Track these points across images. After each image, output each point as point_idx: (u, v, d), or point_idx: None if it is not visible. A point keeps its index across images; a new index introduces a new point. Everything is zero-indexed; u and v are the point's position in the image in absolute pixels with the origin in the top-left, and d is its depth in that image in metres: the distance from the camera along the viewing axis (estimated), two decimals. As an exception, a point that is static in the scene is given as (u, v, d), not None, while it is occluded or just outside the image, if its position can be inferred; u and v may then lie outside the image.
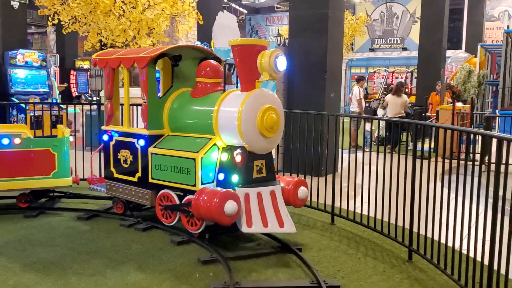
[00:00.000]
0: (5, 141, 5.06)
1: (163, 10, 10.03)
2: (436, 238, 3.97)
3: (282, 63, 4.16)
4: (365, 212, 4.84)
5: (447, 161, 4.08)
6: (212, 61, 4.84)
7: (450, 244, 3.71)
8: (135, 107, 7.26)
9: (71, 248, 4.22)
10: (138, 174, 4.78)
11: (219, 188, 4.03)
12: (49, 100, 12.24)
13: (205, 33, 16.47)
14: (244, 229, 3.98)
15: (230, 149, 4.33)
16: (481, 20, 24.22)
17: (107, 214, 5.27)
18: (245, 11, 30.15)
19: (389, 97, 11.39)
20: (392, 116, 10.83)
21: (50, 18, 10.09)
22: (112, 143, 5.05)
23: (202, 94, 4.65)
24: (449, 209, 3.62)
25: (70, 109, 10.58)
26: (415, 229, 4.11)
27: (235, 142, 4.28)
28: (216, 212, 3.81)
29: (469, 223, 3.36)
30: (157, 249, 4.25)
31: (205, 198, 3.91)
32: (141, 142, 4.73)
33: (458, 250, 3.56)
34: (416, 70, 22.10)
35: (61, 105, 11.32)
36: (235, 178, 4.19)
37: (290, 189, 4.45)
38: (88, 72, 20.66)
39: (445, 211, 3.65)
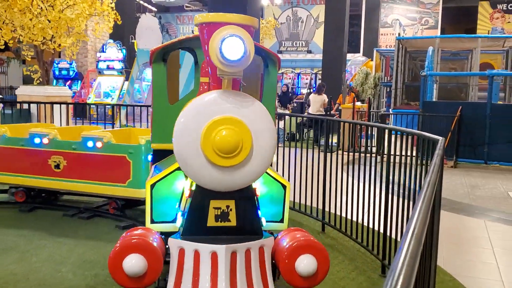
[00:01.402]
0: (90, 143, 4.96)
1: (83, 10, 10.18)
2: (343, 214, 4.85)
3: (232, 50, 2.61)
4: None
5: (352, 153, 5.05)
6: None
7: (354, 218, 4.62)
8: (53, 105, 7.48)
9: (22, 236, 4.55)
10: None
11: (141, 232, 2.84)
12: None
13: (117, 32, 16.58)
14: None
15: None
16: (377, 27, 26.50)
17: (49, 206, 5.57)
18: (154, 9, 30.17)
19: (311, 96, 12.58)
20: (313, 113, 11.97)
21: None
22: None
23: None
24: (353, 191, 4.54)
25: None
26: (326, 208, 4.99)
27: None
28: (111, 267, 2.65)
29: (368, 201, 4.29)
30: (104, 234, 4.70)
31: (117, 243, 2.72)
32: (149, 157, 3.92)
33: (361, 222, 4.48)
34: (320, 72, 23.82)
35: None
36: (178, 221, 2.97)
37: (285, 254, 2.76)
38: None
39: (350, 193, 4.56)
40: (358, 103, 13.22)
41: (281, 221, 3.20)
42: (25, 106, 9.58)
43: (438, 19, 27.20)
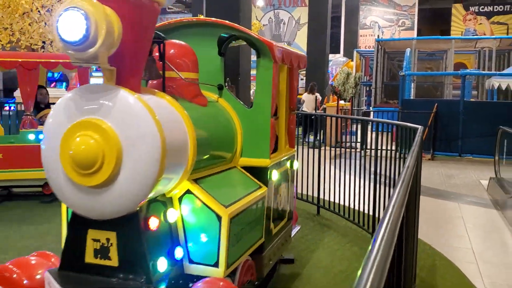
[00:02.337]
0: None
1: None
2: (337, 201, 5.53)
3: (70, 28, 1.97)
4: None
5: (336, 149, 5.73)
6: (179, 42, 2.90)
7: (347, 204, 5.30)
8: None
9: (53, 222, 5.10)
10: None
11: (33, 259, 2.53)
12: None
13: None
14: None
15: None
16: (356, 29, 27.37)
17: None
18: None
19: (305, 95, 13.29)
20: (308, 111, 12.73)
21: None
22: None
23: None
24: (345, 181, 5.25)
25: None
26: (321, 196, 5.66)
27: None
28: None
29: (359, 189, 5.00)
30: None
31: None
32: None
33: (352, 207, 5.17)
34: (302, 72, 24.56)
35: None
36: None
37: None
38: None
39: (342, 182, 5.25)
40: (342, 102, 13.95)
41: (215, 265, 2.41)
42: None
43: (414, 20, 28.21)
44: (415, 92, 15.03)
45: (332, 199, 5.58)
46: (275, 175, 3.19)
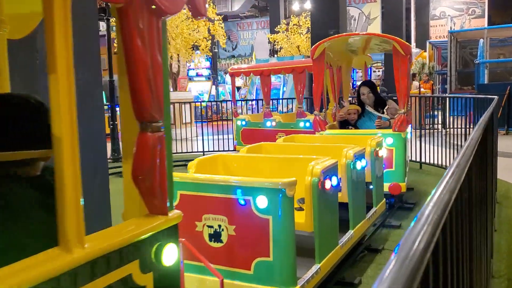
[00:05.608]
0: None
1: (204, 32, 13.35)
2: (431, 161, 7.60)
3: None
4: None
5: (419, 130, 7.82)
6: None
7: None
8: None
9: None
10: None
11: None
12: None
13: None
14: None
15: None
16: (427, 21, 28.71)
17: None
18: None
19: None
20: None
21: None
22: None
23: None
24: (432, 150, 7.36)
25: None
26: (422, 160, 7.78)
27: None
28: None
29: (444, 154, 7.10)
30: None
31: None
32: None
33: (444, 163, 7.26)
34: (374, 65, 26.28)
35: None
36: None
37: None
38: None
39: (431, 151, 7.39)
40: (422, 89, 15.77)
41: None
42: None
43: (484, 8, 29.01)
44: (488, 77, 16.48)
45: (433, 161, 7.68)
46: None
